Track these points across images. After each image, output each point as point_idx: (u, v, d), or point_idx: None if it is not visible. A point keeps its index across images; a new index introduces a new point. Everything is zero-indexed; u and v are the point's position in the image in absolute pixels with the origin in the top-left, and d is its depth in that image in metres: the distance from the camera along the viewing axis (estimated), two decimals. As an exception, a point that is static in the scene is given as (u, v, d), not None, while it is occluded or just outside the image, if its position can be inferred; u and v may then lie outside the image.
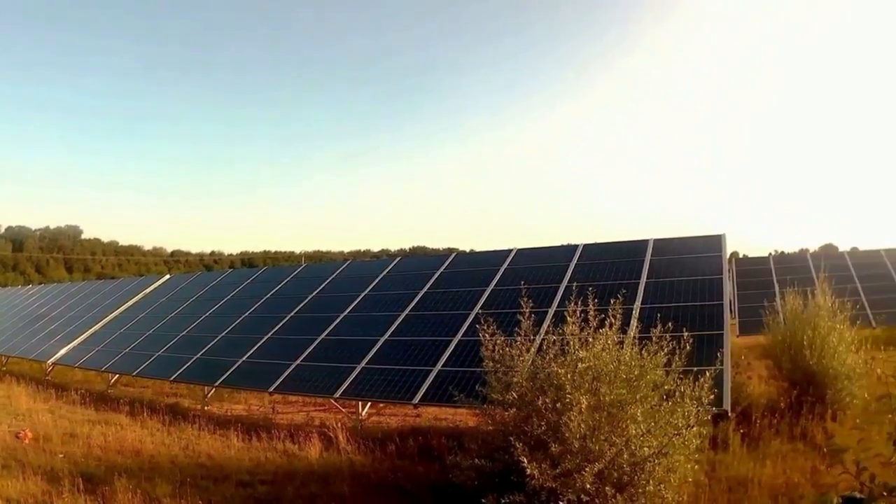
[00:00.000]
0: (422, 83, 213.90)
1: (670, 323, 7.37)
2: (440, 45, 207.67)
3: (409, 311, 14.27)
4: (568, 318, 7.12)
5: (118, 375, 18.56)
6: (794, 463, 8.58)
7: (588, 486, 6.04)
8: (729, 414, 8.80)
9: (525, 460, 6.06)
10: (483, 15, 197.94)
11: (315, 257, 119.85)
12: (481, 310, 12.71)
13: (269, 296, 18.58)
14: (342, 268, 19.12)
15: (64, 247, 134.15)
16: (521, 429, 6.69)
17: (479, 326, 7.90)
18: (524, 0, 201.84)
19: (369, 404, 13.17)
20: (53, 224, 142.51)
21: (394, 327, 13.74)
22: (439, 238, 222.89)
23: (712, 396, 6.83)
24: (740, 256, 44.01)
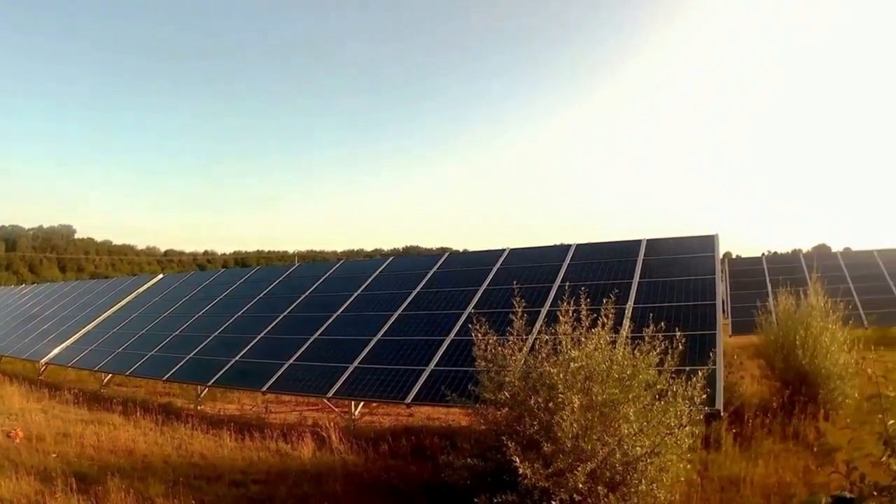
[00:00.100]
0: (422, 90, 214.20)
1: (663, 323, 7.35)
2: (441, 53, 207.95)
3: (402, 311, 14.26)
4: (560, 318, 7.12)
5: (111, 375, 18.54)
6: (787, 462, 8.58)
7: (580, 486, 6.04)
8: (721, 413, 8.81)
9: (517, 460, 6.07)
10: (483, 22, 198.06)
11: (308, 257, 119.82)
12: (474, 309, 12.70)
13: (262, 295, 18.55)
14: (335, 267, 19.12)
15: (57, 246, 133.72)
16: (514, 428, 6.69)
17: (472, 326, 7.90)
18: (524, 6, 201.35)
19: (362, 404, 13.15)
20: (47, 223, 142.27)
21: (386, 327, 13.73)
22: (433, 238, 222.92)
23: (704, 396, 6.83)
24: (734, 256, 44.11)
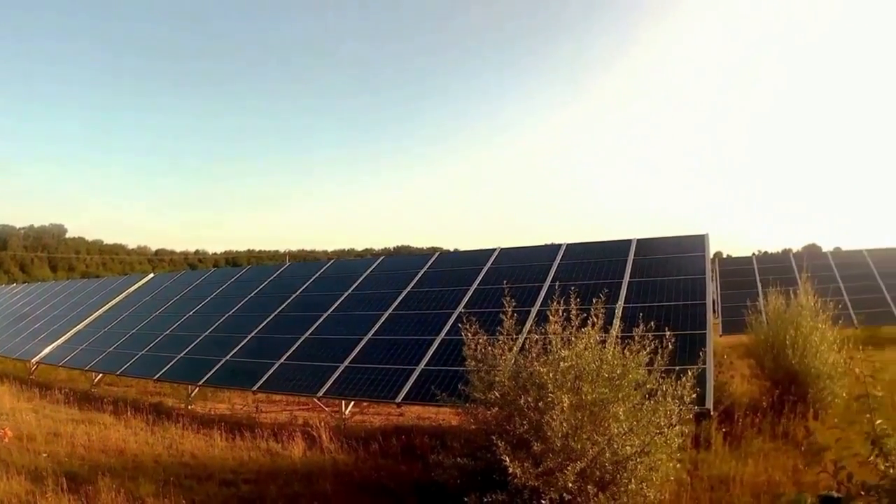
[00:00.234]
0: (421, 90, 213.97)
1: (653, 322, 7.36)
2: (439, 53, 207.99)
3: (393, 311, 14.25)
4: (550, 318, 7.13)
5: (102, 375, 18.50)
6: (776, 461, 8.61)
7: (570, 485, 6.06)
8: (711, 413, 8.83)
9: (507, 459, 6.08)
10: (481, 22, 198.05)
11: (299, 256, 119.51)
12: (464, 309, 12.72)
13: (253, 295, 18.51)
14: (326, 267, 19.08)
15: (48, 245, 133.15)
16: (504, 428, 6.70)
17: (462, 326, 7.90)
18: (522, 5, 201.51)
19: (352, 403, 13.16)
20: (38, 223, 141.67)
21: (377, 326, 13.73)
22: (431, 238, 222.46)
23: (694, 395, 6.85)
24: (724, 256, 44.19)
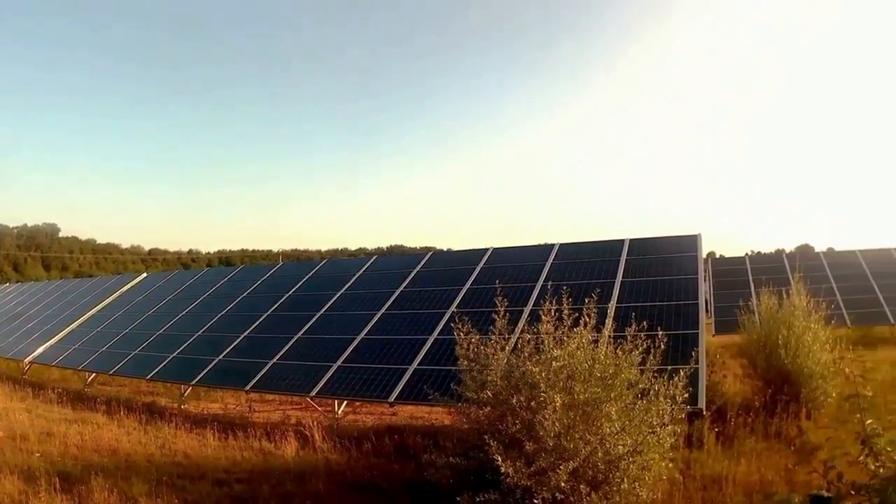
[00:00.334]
0: (422, 92, 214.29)
1: (646, 322, 7.39)
2: (439, 54, 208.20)
3: (386, 310, 14.25)
4: (543, 317, 7.14)
5: (95, 374, 18.45)
6: (769, 461, 8.62)
7: (563, 485, 6.05)
8: (704, 412, 8.85)
9: (500, 458, 6.07)
10: (480, 23, 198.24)
11: (292, 256, 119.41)
12: (457, 308, 12.75)
13: (246, 294, 18.50)
14: (319, 266, 19.08)
15: (41, 245, 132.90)
16: (496, 427, 6.70)
17: (455, 325, 7.91)
18: (521, 5, 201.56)
19: (345, 403, 13.15)
20: (31, 222, 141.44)
21: (370, 326, 13.72)
22: (429, 238, 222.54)
23: (687, 395, 6.87)
24: (717, 256, 44.31)
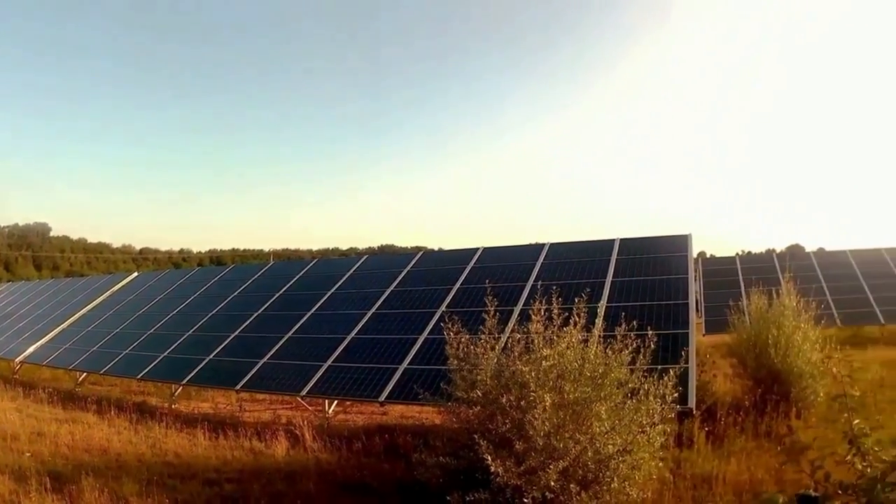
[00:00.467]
0: (421, 93, 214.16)
1: (636, 321, 7.41)
2: (438, 56, 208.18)
3: (376, 310, 14.25)
4: (533, 317, 7.15)
5: (86, 374, 18.43)
6: (759, 460, 8.64)
7: (552, 484, 6.06)
8: (694, 412, 8.88)
9: (489, 458, 6.08)
10: (479, 24, 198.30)
11: (283, 256, 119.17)
12: (447, 308, 12.76)
13: (237, 294, 18.47)
14: (309, 266, 19.07)
15: (32, 244, 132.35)
16: (486, 426, 6.71)
17: (445, 325, 7.92)
18: (520, 5, 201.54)
19: (336, 402, 13.16)
20: (22, 221, 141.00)
21: (360, 325, 13.72)
22: (421, 238, 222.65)
23: (676, 394, 6.90)
24: (707, 256, 44.44)
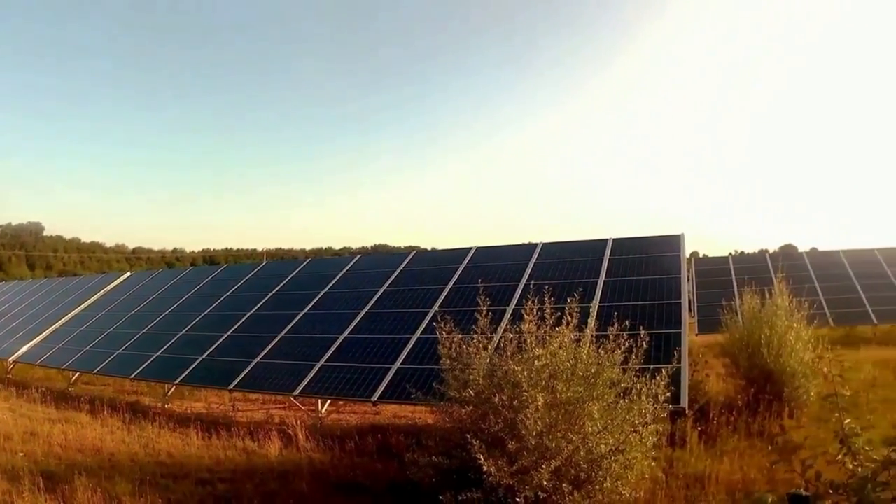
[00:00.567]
0: (422, 92, 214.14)
1: (628, 321, 7.40)
2: (438, 56, 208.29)
3: (369, 309, 14.23)
4: (525, 317, 7.15)
5: (79, 373, 18.44)
6: (752, 460, 8.66)
7: (545, 483, 6.07)
8: (686, 411, 8.88)
9: (482, 457, 6.09)
10: (477, 24, 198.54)
11: (276, 255, 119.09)
12: (440, 307, 12.74)
13: (230, 293, 18.43)
14: (302, 265, 19.06)
15: (26, 244, 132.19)
16: (479, 426, 6.71)
17: (437, 324, 7.93)
18: (521, 6, 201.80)
19: (329, 402, 13.17)
20: (15, 221, 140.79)
21: (353, 325, 13.71)
22: (414, 237, 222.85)
23: (669, 394, 6.91)
24: (701, 256, 44.50)
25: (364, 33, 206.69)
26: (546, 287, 8.00)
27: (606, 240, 13.83)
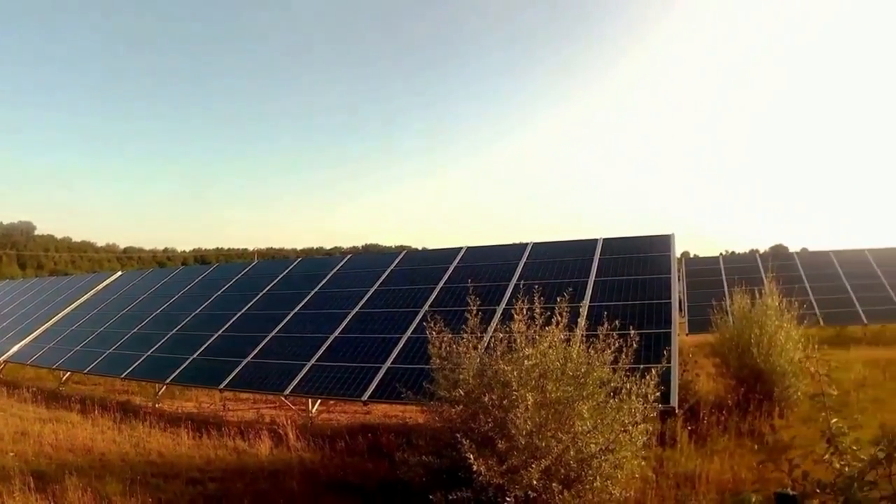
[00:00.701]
0: (420, 90, 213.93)
1: (618, 321, 7.40)
2: (439, 61, 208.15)
3: (360, 309, 14.22)
4: (516, 316, 7.16)
5: (69, 373, 18.38)
6: (742, 459, 8.67)
7: (535, 483, 6.08)
8: (676, 411, 8.90)
9: (472, 457, 6.08)
10: (478, 25, 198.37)
11: (267, 255, 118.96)
12: (431, 307, 12.76)
13: (221, 293, 18.40)
14: (293, 265, 19.02)
15: (17, 243, 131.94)
16: (469, 426, 6.71)
17: (427, 324, 7.93)
18: (520, 4, 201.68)
19: (319, 401, 13.17)
20: (6, 220, 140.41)
21: (344, 324, 13.70)
22: (395, 237, 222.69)
23: (659, 393, 6.91)
24: (691, 256, 44.60)
25: (358, 43, 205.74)
26: (536, 287, 8.01)
27: (596, 240, 13.84)
